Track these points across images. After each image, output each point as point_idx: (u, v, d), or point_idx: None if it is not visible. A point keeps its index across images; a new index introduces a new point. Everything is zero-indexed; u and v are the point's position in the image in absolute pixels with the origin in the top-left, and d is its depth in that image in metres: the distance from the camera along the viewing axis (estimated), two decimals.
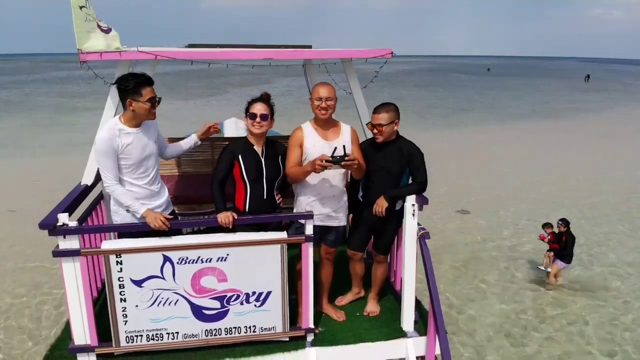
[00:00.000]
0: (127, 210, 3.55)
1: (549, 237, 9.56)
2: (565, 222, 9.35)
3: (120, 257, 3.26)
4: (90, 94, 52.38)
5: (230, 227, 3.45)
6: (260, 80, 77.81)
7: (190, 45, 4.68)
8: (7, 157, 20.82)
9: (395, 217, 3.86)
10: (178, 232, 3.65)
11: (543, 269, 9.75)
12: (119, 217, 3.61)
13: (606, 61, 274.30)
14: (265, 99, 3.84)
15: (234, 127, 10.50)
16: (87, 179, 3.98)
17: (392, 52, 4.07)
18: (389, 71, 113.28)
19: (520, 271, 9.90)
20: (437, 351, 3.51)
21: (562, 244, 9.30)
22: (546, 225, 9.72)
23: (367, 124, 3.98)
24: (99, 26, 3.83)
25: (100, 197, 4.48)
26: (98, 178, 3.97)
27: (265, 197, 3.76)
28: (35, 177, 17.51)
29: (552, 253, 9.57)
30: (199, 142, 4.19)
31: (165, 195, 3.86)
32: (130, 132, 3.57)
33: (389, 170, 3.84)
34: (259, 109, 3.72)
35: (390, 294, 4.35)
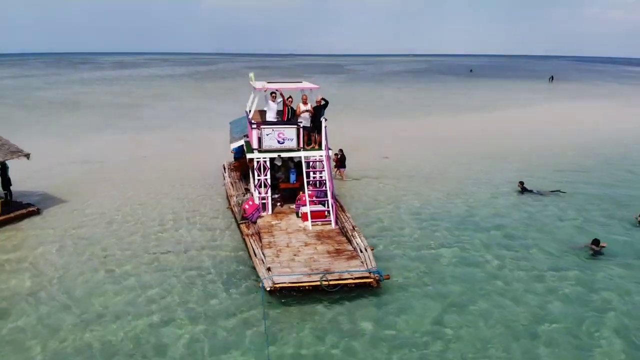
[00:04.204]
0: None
1: (335, 160, 21.17)
2: (340, 150, 21.10)
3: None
4: (127, 94, 63.82)
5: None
6: (266, 80, 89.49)
7: (269, 82, 17.21)
8: (123, 135, 33.47)
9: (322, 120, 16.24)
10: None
11: (337, 175, 21.44)
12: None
13: (601, 60, 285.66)
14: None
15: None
16: (248, 110, 16.31)
17: (319, 87, 16.52)
18: (381, 72, 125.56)
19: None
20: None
21: (341, 161, 21.12)
22: (335, 154, 21.09)
23: (316, 100, 16.26)
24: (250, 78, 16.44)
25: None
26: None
27: (287, 117, 16.21)
28: (141, 147, 30.16)
29: (336, 167, 21.24)
30: None
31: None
32: (270, 103, 16.11)
33: (319, 111, 16.24)
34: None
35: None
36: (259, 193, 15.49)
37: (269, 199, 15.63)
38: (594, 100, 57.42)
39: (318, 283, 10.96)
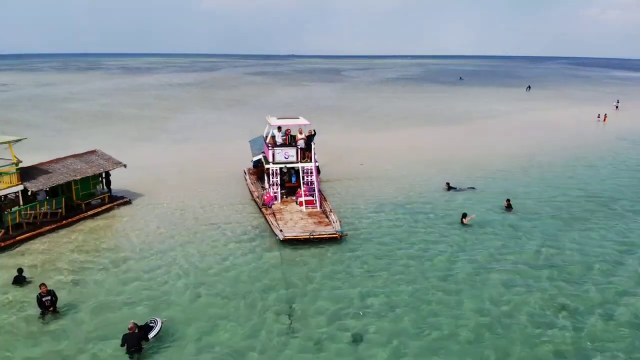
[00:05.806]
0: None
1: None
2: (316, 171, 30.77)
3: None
4: (148, 106, 71.95)
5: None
6: (267, 89, 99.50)
7: (280, 118, 26.47)
8: (158, 147, 42.71)
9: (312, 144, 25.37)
10: None
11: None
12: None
13: (596, 62, 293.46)
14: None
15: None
16: (265, 135, 25.47)
17: (310, 123, 25.70)
18: (375, 79, 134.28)
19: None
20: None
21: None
22: None
23: (309, 131, 25.47)
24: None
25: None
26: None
27: (289, 142, 25.42)
28: (177, 155, 39.40)
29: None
30: None
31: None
32: (277, 133, 25.40)
33: (310, 138, 25.40)
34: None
35: None
36: (273, 189, 24.73)
37: (279, 193, 24.86)
38: (557, 110, 66.85)
39: (309, 236, 20.21)
